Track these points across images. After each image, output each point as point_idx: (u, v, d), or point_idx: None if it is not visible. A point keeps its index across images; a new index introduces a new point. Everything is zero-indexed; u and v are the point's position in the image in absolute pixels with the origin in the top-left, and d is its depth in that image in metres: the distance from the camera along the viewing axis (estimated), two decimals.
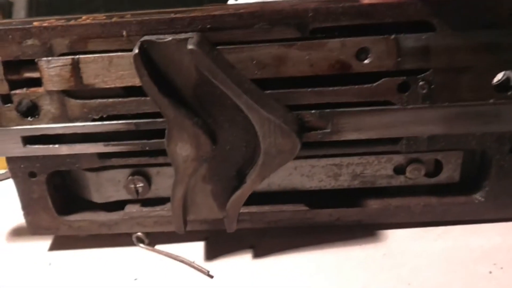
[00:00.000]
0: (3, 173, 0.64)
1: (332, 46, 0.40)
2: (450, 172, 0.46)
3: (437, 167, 0.46)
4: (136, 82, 0.41)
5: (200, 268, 0.47)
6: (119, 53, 0.41)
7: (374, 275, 0.44)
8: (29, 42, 0.41)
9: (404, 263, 0.45)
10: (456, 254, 0.45)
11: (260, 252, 0.48)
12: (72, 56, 0.41)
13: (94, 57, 0.41)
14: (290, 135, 0.40)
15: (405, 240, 0.47)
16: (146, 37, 0.39)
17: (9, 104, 0.43)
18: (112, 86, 0.42)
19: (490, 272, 0.43)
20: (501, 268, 0.43)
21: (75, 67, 0.41)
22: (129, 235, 0.50)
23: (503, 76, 0.42)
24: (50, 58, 0.41)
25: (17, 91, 0.43)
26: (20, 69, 0.42)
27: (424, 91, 0.41)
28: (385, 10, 0.39)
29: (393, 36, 0.39)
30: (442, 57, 0.40)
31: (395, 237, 0.47)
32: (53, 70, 0.42)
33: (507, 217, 0.46)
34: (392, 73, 0.41)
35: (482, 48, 0.39)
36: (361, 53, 0.40)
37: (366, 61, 0.40)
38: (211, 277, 0.46)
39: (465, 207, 0.47)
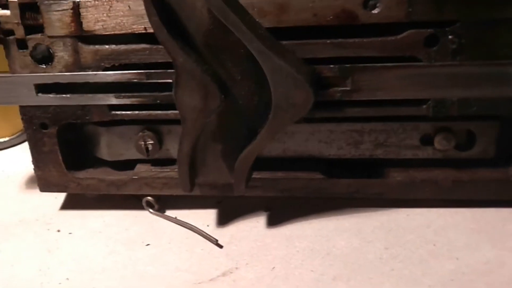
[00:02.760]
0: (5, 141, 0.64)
1: None
2: (484, 145, 0.42)
3: (470, 139, 0.42)
4: (135, 28, 0.41)
5: (209, 236, 0.44)
6: None
7: (397, 236, 0.42)
8: None
9: (428, 224, 0.42)
10: (482, 214, 0.43)
11: (275, 218, 0.46)
12: (73, 0, 0.41)
13: (94, 1, 0.40)
14: (303, 86, 0.37)
15: (429, 201, 0.44)
16: None
17: (24, 50, 0.43)
18: (111, 33, 0.41)
19: None
20: None
21: (76, 12, 0.41)
22: (139, 199, 0.48)
23: None
24: (51, 2, 0.41)
25: (32, 36, 0.42)
26: (36, 14, 0.42)
27: (454, 46, 0.38)
28: None
29: None
30: (472, 8, 0.36)
31: (413, 200, 0.45)
32: (54, 14, 0.41)
33: None
34: (418, 24, 0.37)
35: None
36: (368, 1, 0.37)
37: (374, 11, 0.37)
38: (220, 246, 0.44)
39: (500, 185, 0.42)
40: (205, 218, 0.47)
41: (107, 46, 0.42)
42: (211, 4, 0.36)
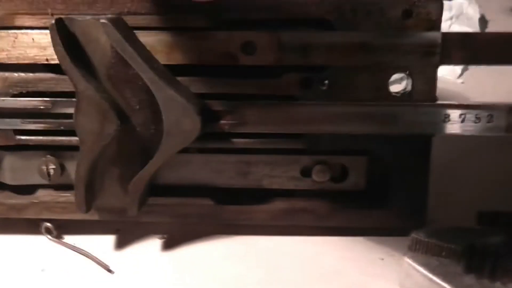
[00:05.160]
0: None
1: (219, 38, 0.43)
2: (355, 178, 0.47)
3: (343, 173, 0.47)
4: (37, 59, 0.44)
5: (101, 262, 0.46)
6: (24, 30, 0.44)
7: (277, 263, 0.45)
8: None
9: (307, 251, 0.47)
10: (353, 242, 0.47)
11: (169, 244, 0.48)
12: None
13: (0, 33, 0.44)
14: (192, 114, 0.41)
15: (310, 229, 0.49)
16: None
17: None
18: (15, 62, 0.44)
19: (382, 259, 0.45)
20: (392, 254, 0.45)
21: None
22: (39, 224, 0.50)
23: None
24: None
25: None
26: None
27: (324, 88, 0.44)
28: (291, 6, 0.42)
29: (277, 32, 0.43)
30: (335, 55, 0.43)
31: (296, 228, 0.49)
32: None
33: (410, 227, 0.45)
34: (297, 68, 0.43)
35: (377, 49, 0.42)
36: (247, 46, 0.43)
37: (252, 55, 0.43)
38: (111, 272, 0.45)
39: (369, 214, 0.47)
40: (103, 244, 0.48)
41: (16, 74, 0.45)
42: (111, 38, 0.40)
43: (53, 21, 0.40)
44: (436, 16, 0.42)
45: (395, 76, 0.44)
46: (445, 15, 0.88)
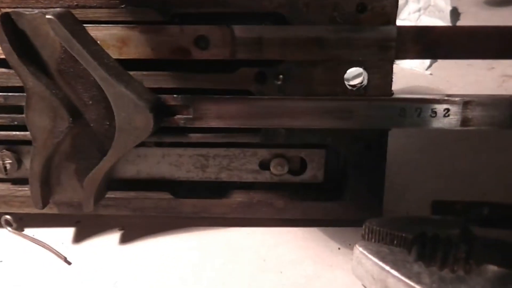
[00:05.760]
0: None
1: (172, 32, 0.42)
2: (314, 171, 0.47)
3: (302, 165, 0.47)
4: None
5: (58, 253, 0.46)
6: None
7: (235, 253, 0.46)
8: None
9: (264, 242, 0.47)
10: (311, 232, 0.48)
11: (127, 236, 0.49)
12: None
13: None
14: (144, 111, 0.41)
15: (269, 220, 0.49)
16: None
17: None
18: None
19: (339, 248, 0.46)
20: (349, 244, 0.46)
21: None
22: None
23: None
24: None
25: None
26: None
27: (279, 83, 0.43)
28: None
29: (229, 26, 0.42)
30: (288, 50, 0.42)
31: (255, 219, 0.49)
32: None
33: (367, 218, 0.45)
34: (252, 62, 0.43)
35: (331, 43, 0.42)
36: (200, 41, 0.42)
37: (205, 50, 0.42)
38: (69, 263, 0.46)
39: (327, 206, 0.47)
40: (62, 236, 0.49)
41: None
42: (58, 34, 0.39)
43: None
44: (391, 10, 0.41)
45: (355, 71, 0.43)
46: (413, 7, 0.88)
